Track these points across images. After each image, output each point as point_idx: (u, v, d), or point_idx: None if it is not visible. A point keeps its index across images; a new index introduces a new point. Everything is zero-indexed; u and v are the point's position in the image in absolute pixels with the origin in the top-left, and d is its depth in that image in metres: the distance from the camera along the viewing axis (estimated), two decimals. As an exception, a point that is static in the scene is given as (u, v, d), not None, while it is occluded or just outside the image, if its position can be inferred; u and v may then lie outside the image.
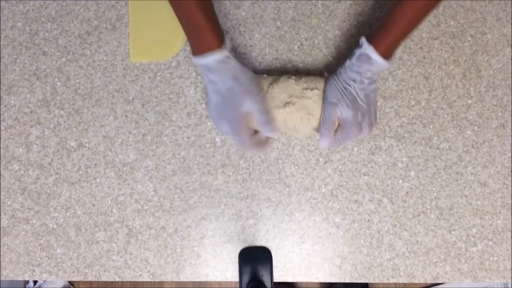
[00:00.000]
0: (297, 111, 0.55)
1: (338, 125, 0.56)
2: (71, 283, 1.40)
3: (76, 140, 0.64)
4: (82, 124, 0.64)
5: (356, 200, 0.63)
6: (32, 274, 0.64)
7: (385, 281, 0.63)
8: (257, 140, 0.56)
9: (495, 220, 0.63)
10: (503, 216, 0.63)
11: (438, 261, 0.63)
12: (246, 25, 0.64)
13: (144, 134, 0.64)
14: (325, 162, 0.63)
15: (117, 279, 0.64)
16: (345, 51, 0.64)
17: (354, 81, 0.53)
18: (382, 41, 0.51)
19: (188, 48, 0.64)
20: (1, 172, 0.64)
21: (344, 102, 0.53)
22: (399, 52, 0.64)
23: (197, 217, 0.63)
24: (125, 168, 0.64)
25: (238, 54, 0.64)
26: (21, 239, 0.64)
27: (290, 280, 0.63)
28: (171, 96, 0.64)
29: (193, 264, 0.63)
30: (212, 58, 0.50)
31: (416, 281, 0.63)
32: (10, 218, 0.64)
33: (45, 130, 0.64)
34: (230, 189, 0.63)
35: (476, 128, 0.63)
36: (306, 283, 1.38)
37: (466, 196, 0.63)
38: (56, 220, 0.64)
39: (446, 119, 0.63)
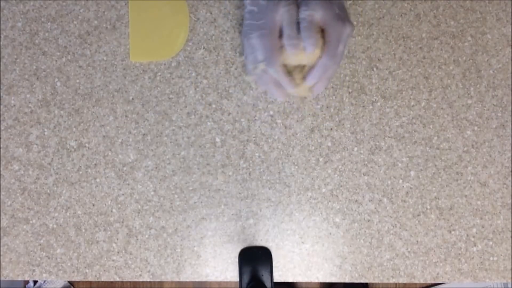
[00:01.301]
0: None
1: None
2: (71, 283, 1.41)
3: (76, 140, 0.64)
4: (82, 124, 0.64)
5: (356, 200, 0.63)
6: (32, 274, 0.64)
7: (385, 281, 0.63)
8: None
9: (495, 220, 0.63)
10: (503, 216, 0.63)
11: (438, 261, 0.63)
12: (246, 25, 0.64)
13: (144, 134, 0.64)
14: (325, 162, 0.63)
15: (117, 279, 0.64)
16: (345, 50, 0.64)
17: None
18: None
19: (188, 48, 0.64)
20: (1, 172, 0.64)
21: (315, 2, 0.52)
22: (399, 52, 0.64)
23: (197, 217, 0.63)
24: (125, 168, 0.64)
25: (237, 54, 0.64)
26: (21, 239, 0.64)
27: (290, 280, 0.63)
28: (171, 96, 0.64)
29: (193, 264, 0.63)
30: None
31: (416, 281, 0.63)
32: (10, 218, 0.64)
33: (45, 130, 0.64)
34: (230, 189, 0.63)
35: (476, 128, 0.63)
36: (306, 283, 1.38)
37: (466, 196, 0.63)
38: (56, 220, 0.64)
39: (446, 119, 0.63)
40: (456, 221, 0.63)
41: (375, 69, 0.63)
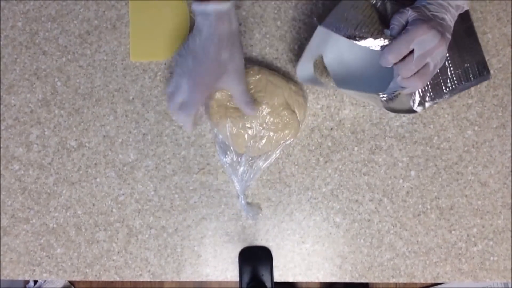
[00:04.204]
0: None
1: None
2: (71, 282, 1.41)
3: (76, 139, 0.64)
4: (82, 123, 0.64)
5: (357, 200, 0.63)
6: (32, 273, 0.64)
7: (386, 281, 0.63)
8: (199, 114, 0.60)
9: (496, 220, 0.63)
10: (504, 216, 0.63)
11: (439, 261, 0.63)
12: (247, 24, 0.64)
13: (144, 134, 0.64)
14: (326, 162, 0.63)
15: (117, 279, 0.64)
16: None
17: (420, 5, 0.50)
18: None
19: (189, 48, 0.64)
20: (1, 172, 0.64)
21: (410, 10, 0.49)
22: (399, 51, 0.63)
23: (198, 216, 0.63)
24: (125, 168, 0.64)
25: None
26: (21, 239, 0.64)
27: (290, 280, 0.63)
28: (171, 95, 0.64)
29: (193, 263, 0.63)
30: (212, 7, 0.50)
31: (417, 281, 0.63)
32: (10, 218, 0.64)
33: (45, 129, 0.64)
34: (231, 189, 0.63)
35: (476, 128, 0.63)
36: (306, 283, 1.38)
37: (466, 196, 0.63)
38: (56, 219, 0.64)
39: (446, 119, 0.63)
40: (457, 221, 0.63)
41: (375, 68, 0.63)
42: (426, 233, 0.63)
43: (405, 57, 0.48)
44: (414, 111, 0.58)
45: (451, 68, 0.59)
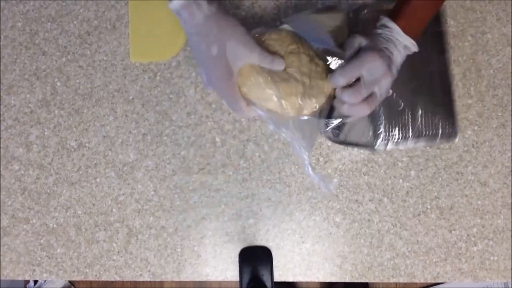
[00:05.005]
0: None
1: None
2: (71, 282, 1.41)
3: (76, 140, 0.64)
4: (82, 124, 0.64)
5: (357, 200, 0.63)
6: (32, 273, 0.64)
7: (386, 280, 0.63)
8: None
9: (496, 220, 0.63)
10: (504, 216, 0.63)
11: (439, 260, 0.63)
12: (246, 25, 0.64)
13: (144, 134, 0.64)
14: (325, 162, 0.63)
15: (118, 279, 0.64)
16: (345, 51, 0.63)
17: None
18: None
19: (188, 48, 0.64)
20: (1, 172, 0.64)
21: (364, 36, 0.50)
22: (399, 51, 0.63)
23: (197, 216, 0.63)
24: (125, 168, 0.64)
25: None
26: (21, 239, 0.64)
27: (290, 279, 0.63)
28: (171, 96, 0.64)
29: (193, 263, 0.63)
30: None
31: (417, 281, 0.63)
32: (10, 218, 0.64)
33: (45, 130, 0.64)
34: (230, 189, 0.63)
35: (476, 127, 0.63)
36: (306, 282, 1.38)
37: (466, 195, 0.63)
38: (57, 220, 0.64)
39: (446, 119, 0.63)
40: (457, 220, 0.63)
41: (375, 68, 0.63)
42: (426, 233, 0.63)
43: (351, 84, 0.49)
44: (373, 148, 0.57)
45: (423, 115, 0.59)
